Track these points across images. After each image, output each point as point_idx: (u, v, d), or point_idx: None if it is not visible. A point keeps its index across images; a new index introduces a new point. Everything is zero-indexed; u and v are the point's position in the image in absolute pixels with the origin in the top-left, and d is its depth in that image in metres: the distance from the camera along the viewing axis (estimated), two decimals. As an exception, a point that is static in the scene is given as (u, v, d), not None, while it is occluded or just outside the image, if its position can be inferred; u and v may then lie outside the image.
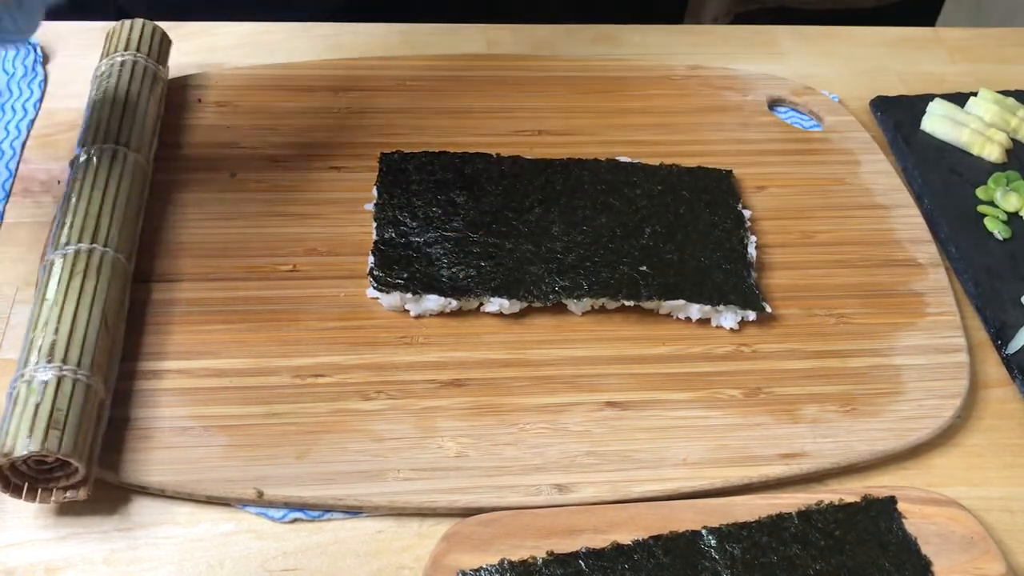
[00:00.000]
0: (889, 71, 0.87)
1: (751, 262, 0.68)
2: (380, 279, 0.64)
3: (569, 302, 0.65)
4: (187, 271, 0.66)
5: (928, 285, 0.69)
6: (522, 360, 0.63)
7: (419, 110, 0.77)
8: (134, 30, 0.74)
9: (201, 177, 0.71)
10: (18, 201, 0.70)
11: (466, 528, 0.54)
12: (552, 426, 0.60)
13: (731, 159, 0.75)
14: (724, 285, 0.66)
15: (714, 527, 0.55)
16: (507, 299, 0.64)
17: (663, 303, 0.65)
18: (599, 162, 0.73)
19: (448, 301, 0.64)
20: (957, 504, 0.57)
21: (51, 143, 0.73)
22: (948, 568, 0.55)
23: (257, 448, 0.57)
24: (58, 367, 0.54)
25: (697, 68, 0.83)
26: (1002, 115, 0.80)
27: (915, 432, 0.61)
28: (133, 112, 0.69)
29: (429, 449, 0.58)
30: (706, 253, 0.68)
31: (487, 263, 0.66)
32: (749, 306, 0.65)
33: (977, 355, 0.67)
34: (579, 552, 0.53)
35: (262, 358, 0.61)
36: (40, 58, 0.78)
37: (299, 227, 0.69)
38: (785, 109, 0.82)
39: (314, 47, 0.83)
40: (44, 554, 0.54)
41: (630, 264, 0.66)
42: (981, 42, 0.90)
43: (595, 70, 0.82)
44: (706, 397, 0.62)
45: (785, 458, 0.59)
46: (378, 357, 0.62)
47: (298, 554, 0.55)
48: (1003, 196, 0.75)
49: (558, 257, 0.66)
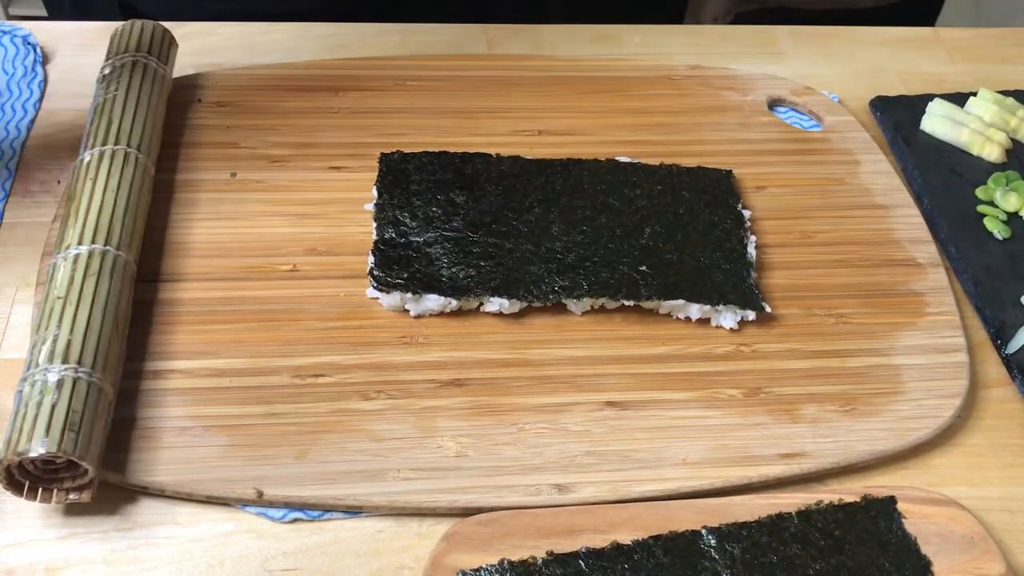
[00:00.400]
0: (889, 71, 0.87)
1: (751, 262, 0.68)
2: (380, 279, 0.64)
3: (569, 302, 0.65)
4: (187, 271, 0.66)
5: (928, 285, 0.69)
6: (522, 360, 0.63)
7: (419, 110, 0.77)
8: (144, 31, 0.73)
9: (201, 177, 0.71)
10: (18, 201, 0.70)
11: (466, 528, 0.54)
12: (552, 426, 0.60)
13: (731, 159, 0.75)
14: (724, 285, 0.66)
15: (714, 527, 0.55)
16: (507, 299, 0.64)
17: (663, 303, 0.65)
18: (599, 162, 0.73)
19: (448, 301, 0.64)
20: (957, 504, 0.57)
21: (51, 143, 0.73)
22: (948, 568, 0.55)
23: (257, 448, 0.57)
24: (74, 368, 0.55)
25: (697, 68, 0.83)
26: (1002, 115, 0.80)
27: (915, 432, 0.61)
28: (142, 114, 0.69)
29: (429, 449, 0.58)
30: (706, 253, 0.68)
31: (487, 263, 0.66)
32: (749, 306, 0.65)
33: (977, 355, 0.67)
34: (579, 552, 0.53)
35: (262, 358, 0.61)
36: (40, 58, 0.78)
37: (299, 227, 0.69)
38: (785, 109, 0.82)
39: (314, 47, 0.83)
40: (44, 554, 0.54)
41: (630, 264, 0.66)
42: (981, 42, 0.90)
43: (595, 70, 0.82)
44: (706, 397, 0.62)
45: (785, 458, 0.59)
46: (378, 357, 0.62)
47: (298, 554, 0.55)
48: (1003, 196, 0.75)
49: (558, 257, 0.66)
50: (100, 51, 0.78)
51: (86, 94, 0.75)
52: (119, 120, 0.67)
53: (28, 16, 1.82)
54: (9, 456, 0.51)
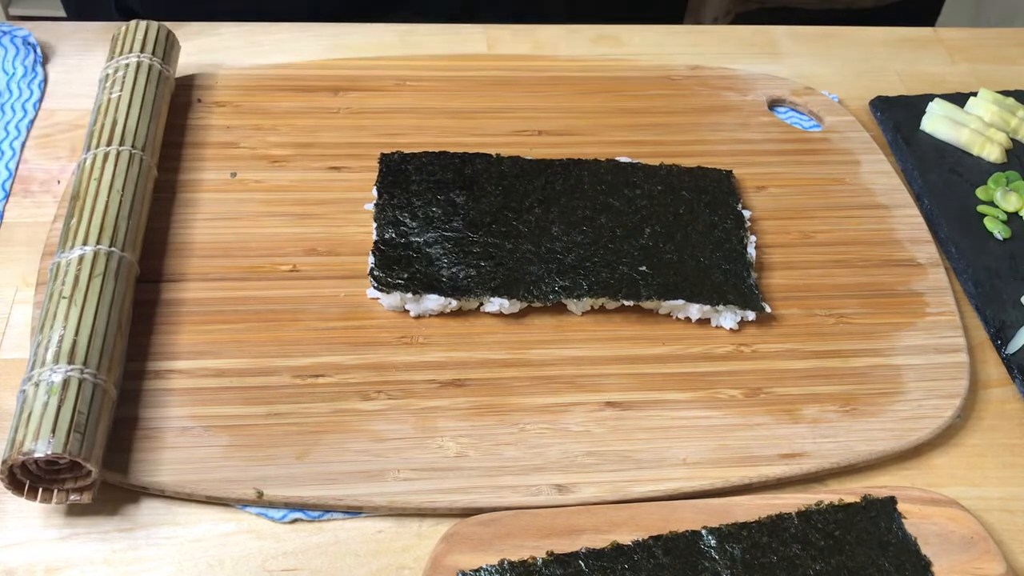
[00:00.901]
0: (889, 71, 0.87)
1: (751, 262, 0.68)
2: (380, 279, 0.64)
3: (569, 302, 0.65)
4: (187, 271, 0.66)
5: (928, 285, 0.69)
6: (522, 360, 0.63)
7: (419, 110, 0.77)
8: (148, 32, 0.73)
9: (201, 177, 0.71)
10: (18, 201, 0.70)
11: (466, 528, 0.54)
12: (552, 426, 0.60)
13: (731, 159, 0.75)
14: (724, 285, 0.66)
15: (714, 527, 0.55)
16: (507, 299, 0.64)
17: (663, 303, 0.65)
18: (599, 162, 0.73)
19: (448, 301, 0.64)
20: (957, 504, 0.57)
21: (51, 143, 0.73)
22: (948, 568, 0.55)
23: (257, 448, 0.57)
24: (79, 369, 0.55)
25: (697, 68, 0.83)
26: (1002, 115, 0.80)
27: (915, 432, 0.61)
28: (146, 115, 0.69)
29: (429, 449, 0.58)
30: (706, 253, 0.68)
31: (487, 263, 0.66)
32: (749, 306, 0.65)
33: (977, 355, 0.67)
34: (579, 552, 0.53)
35: (262, 358, 0.61)
36: (40, 58, 0.78)
37: (299, 227, 0.69)
38: (785, 109, 0.82)
39: (314, 47, 0.83)
40: (44, 554, 0.54)
41: (630, 264, 0.66)
42: (981, 42, 0.90)
43: (595, 70, 0.82)
44: (706, 397, 0.62)
45: (785, 458, 0.59)
46: (378, 357, 0.62)
47: (298, 554, 0.55)
48: (1003, 196, 0.75)
49: (558, 257, 0.66)
50: (100, 51, 0.78)
51: (86, 94, 0.75)
52: (123, 121, 0.67)
53: (28, 16, 1.82)
54: (13, 456, 0.51)
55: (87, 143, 0.67)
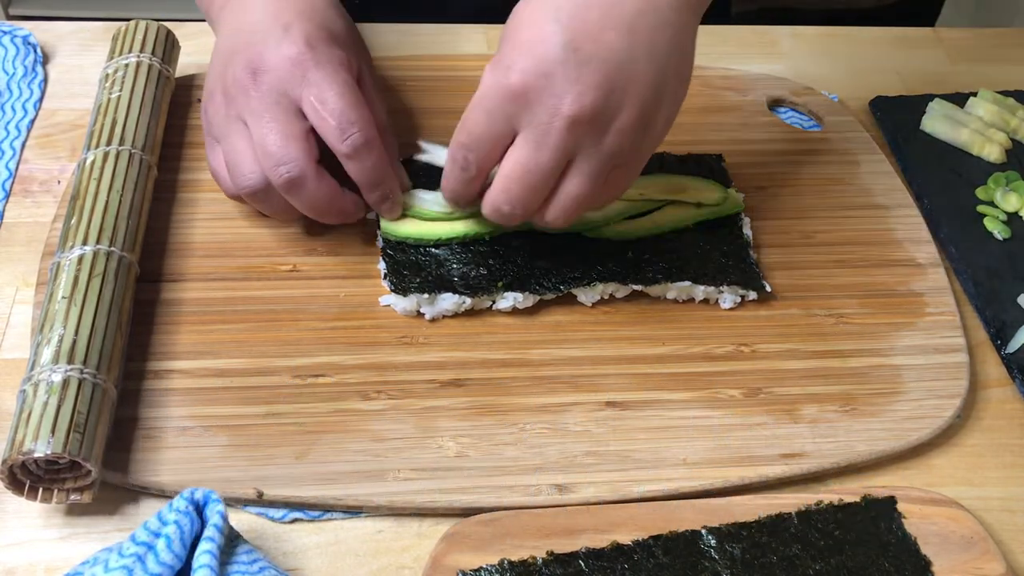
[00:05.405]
0: (889, 71, 0.87)
1: (748, 242, 0.68)
2: (396, 284, 0.64)
3: (579, 292, 0.65)
4: (186, 271, 0.66)
5: (927, 285, 0.69)
6: (522, 360, 0.63)
7: (419, 110, 0.77)
8: (148, 32, 0.73)
9: (201, 177, 0.71)
10: (18, 201, 0.70)
11: (466, 528, 0.54)
12: (552, 426, 0.60)
13: (731, 159, 0.75)
14: (725, 266, 0.67)
15: (714, 527, 0.55)
16: (520, 293, 0.64)
17: (670, 285, 0.65)
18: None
19: (463, 300, 0.64)
20: (957, 504, 0.57)
21: (51, 143, 0.73)
22: (948, 568, 0.55)
23: (257, 448, 0.57)
24: (79, 369, 0.55)
25: (697, 68, 0.83)
26: (1002, 115, 0.80)
27: (915, 432, 0.61)
28: (146, 115, 0.69)
29: (429, 449, 0.58)
30: (704, 236, 0.68)
31: (495, 261, 0.66)
32: (750, 285, 0.66)
33: (977, 355, 0.67)
34: (579, 552, 0.53)
35: (262, 358, 0.61)
36: (40, 58, 0.78)
37: (299, 227, 0.69)
38: (785, 109, 0.82)
39: (314, 47, 0.83)
40: (44, 554, 0.54)
41: (635, 250, 0.67)
42: (981, 42, 0.90)
43: (595, 70, 0.82)
44: (706, 397, 0.62)
45: (785, 458, 0.59)
46: (378, 357, 0.62)
47: (298, 554, 0.55)
48: (1003, 196, 0.75)
49: (564, 248, 0.66)
50: (100, 51, 0.78)
51: (86, 94, 0.75)
52: (123, 121, 0.67)
53: (28, 16, 1.82)
54: (13, 455, 0.51)
55: (87, 143, 0.67)
